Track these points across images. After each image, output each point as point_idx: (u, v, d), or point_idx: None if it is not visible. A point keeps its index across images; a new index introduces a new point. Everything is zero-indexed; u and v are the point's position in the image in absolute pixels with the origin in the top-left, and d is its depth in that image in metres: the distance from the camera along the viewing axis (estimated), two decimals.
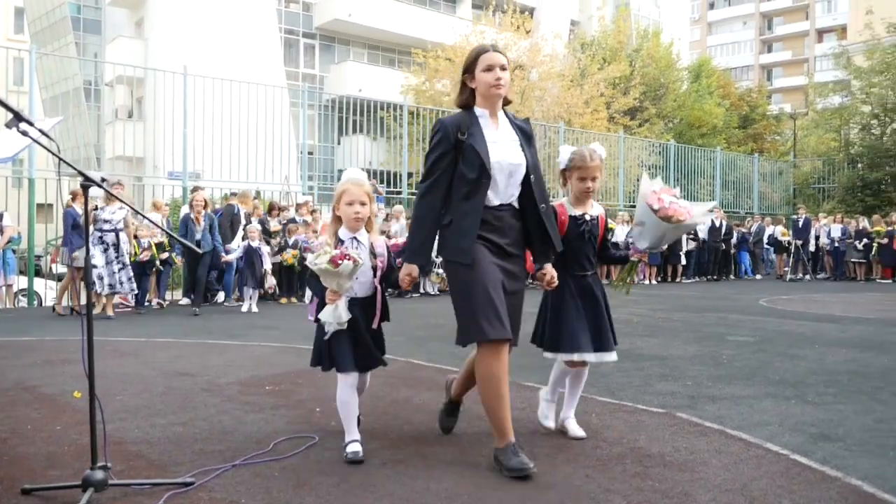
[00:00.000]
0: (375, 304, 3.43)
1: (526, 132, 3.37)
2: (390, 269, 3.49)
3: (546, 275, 3.41)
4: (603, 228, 3.80)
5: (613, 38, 30.56)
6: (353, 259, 3.14)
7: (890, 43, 24.02)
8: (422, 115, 18.65)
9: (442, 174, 3.21)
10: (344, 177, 3.51)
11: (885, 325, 8.75)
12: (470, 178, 3.16)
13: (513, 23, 26.12)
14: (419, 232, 3.27)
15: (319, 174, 20.25)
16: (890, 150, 23.99)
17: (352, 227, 3.41)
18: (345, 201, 3.39)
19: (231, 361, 6.06)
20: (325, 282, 3.22)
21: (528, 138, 3.36)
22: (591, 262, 3.73)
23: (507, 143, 3.27)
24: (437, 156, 3.23)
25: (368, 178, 3.82)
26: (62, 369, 5.55)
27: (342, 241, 3.37)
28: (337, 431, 3.64)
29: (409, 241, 3.35)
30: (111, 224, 9.25)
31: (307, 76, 31.39)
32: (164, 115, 13.57)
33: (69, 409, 4.25)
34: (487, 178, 3.16)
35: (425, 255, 3.26)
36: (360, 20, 31.09)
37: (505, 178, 3.23)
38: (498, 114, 3.33)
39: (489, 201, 3.22)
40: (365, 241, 3.42)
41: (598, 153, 3.67)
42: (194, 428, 3.86)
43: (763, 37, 66.47)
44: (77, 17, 31.95)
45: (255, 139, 14.34)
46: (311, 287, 3.51)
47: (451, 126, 3.24)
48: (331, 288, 3.22)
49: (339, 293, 3.24)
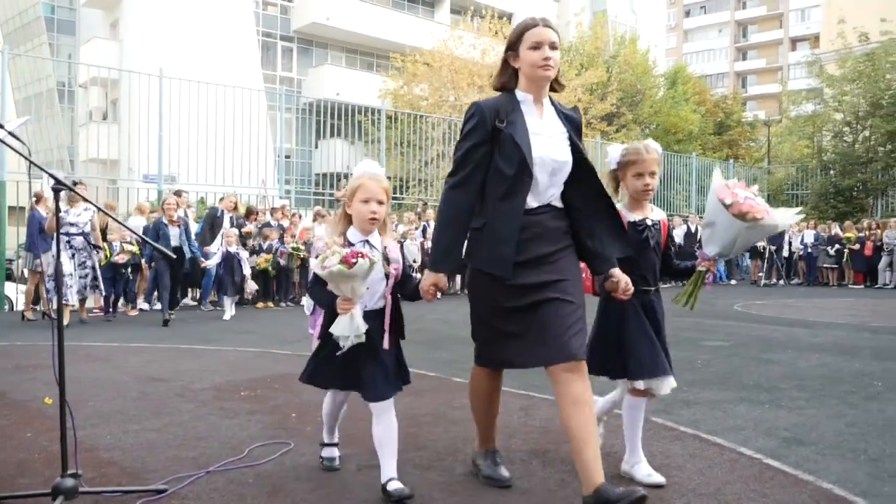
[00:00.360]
0: (384, 318, 2.93)
1: (575, 123, 2.90)
2: (406, 277, 3.03)
3: (618, 281, 2.89)
4: (666, 235, 3.30)
5: (591, 45, 30.76)
6: (368, 257, 2.71)
7: (861, 52, 24.41)
8: (400, 119, 18.63)
9: (475, 168, 2.74)
10: (359, 169, 3.03)
11: (857, 331, 8.88)
12: (508, 174, 2.70)
13: (491, 28, 26.19)
14: (446, 233, 2.78)
15: (297, 178, 20.14)
16: (861, 158, 24.37)
17: (365, 228, 2.94)
18: (360, 198, 2.91)
19: (206, 366, 6.01)
20: (335, 288, 2.74)
21: (578, 130, 2.90)
22: (654, 275, 3.24)
23: (553, 136, 2.80)
24: (470, 146, 2.76)
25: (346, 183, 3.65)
26: (33, 375, 5.46)
27: (352, 244, 2.89)
28: (312, 437, 3.61)
29: (434, 245, 2.86)
30: (78, 227, 8.77)
31: (285, 79, 31.26)
32: (140, 118, 13.44)
33: (40, 416, 4.19)
34: (530, 177, 2.69)
35: (453, 261, 2.81)
36: (339, 24, 31.03)
37: (547, 177, 2.76)
38: (543, 100, 2.86)
39: (526, 203, 2.74)
40: (378, 246, 2.95)
41: (654, 146, 3.25)
42: (168, 434, 3.82)
43: (738, 45, 67.28)
44: (51, 17, 31.61)
45: (231, 142, 14.25)
46: (315, 297, 2.99)
47: (489, 111, 2.76)
48: (343, 295, 2.74)
49: (353, 300, 2.75)
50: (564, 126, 2.84)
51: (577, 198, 2.85)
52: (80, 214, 8.76)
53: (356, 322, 2.74)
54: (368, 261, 2.68)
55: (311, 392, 3.41)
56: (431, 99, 24.83)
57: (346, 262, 2.65)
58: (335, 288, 2.74)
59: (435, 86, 25.01)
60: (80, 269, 8.77)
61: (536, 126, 2.77)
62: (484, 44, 25.47)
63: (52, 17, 31.71)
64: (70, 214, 8.66)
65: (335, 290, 2.75)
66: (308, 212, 14.05)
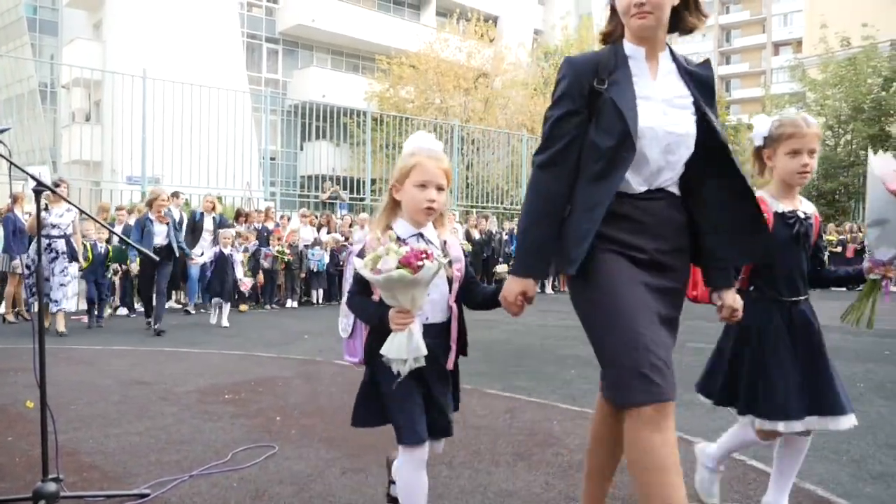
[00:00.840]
0: (450, 333, 2.32)
1: (705, 84, 2.19)
2: (471, 281, 2.40)
3: (727, 305, 2.29)
4: (817, 234, 2.69)
5: (576, 48, 30.89)
6: (436, 258, 2.08)
7: (843, 56, 24.67)
8: (385, 121, 18.62)
9: (569, 144, 2.12)
10: (411, 145, 2.34)
11: (836, 332, 8.95)
12: (605, 147, 2.07)
13: (477, 31, 26.27)
14: (533, 227, 2.15)
15: (282, 180, 20.08)
16: (843, 161, 24.62)
17: (419, 219, 2.28)
18: (415, 181, 2.25)
19: (189, 369, 5.96)
20: (390, 297, 2.13)
21: (708, 93, 2.19)
22: (804, 280, 2.63)
23: (670, 102, 2.12)
24: (560, 114, 2.12)
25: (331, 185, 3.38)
26: (13, 378, 5.40)
27: (402, 239, 2.20)
28: (296, 441, 3.60)
29: (520, 243, 2.21)
30: (59, 229, 8.18)
31: (270, 81, 31.16)
32: (123, 119, 13.36)
33: (21, 420, 4.14)
34: (630, 152, 2.05)
35: (542, 262, 2.18)
36: (324, 26, 30.97)
37: (659, 155, 2.09)
38: (660, 55, 2.17)
39: (628, 187, 2.09)
40: (435, 241, 2.30)
41: (812, 120, 2.59)
42: (151, 438, 3.78)
43: (721, 49, 67.77)
44: (33, 18, 31.35)
45: (216, 144, 14.19)
46: (358, 310, 2.32)
47: (585, 69, 2.13)
48: (401, 306, 2.11)
49: (412, 312, 2.12)
50: (689, 88, 2.15)
51: (703, 184, 2.17)
52: (63, 216, 8.23)
53: (416, 340, 2.13)
54: (436, 262, 2.07)
55: (296, 395, 3.40)
56: (417, 101, 24.85)
57: (409, 264, 2.02)
58: (389, 297, 2.13)
59: (421, 88, 25.04)
60: (60, 275, 8.18)
61: (647, 88, 2.12)
62: (470, 46, 25.55)
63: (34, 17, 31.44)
64: (52, 215, 8.09)
65: (389, 299, 2.13)
66: (295, 214, 14.00)
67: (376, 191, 17.84)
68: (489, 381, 5.19)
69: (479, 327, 8.86)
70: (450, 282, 2.29)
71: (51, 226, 8.11)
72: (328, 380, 5.50)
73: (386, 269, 2.04)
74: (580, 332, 2.19)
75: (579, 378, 5.39)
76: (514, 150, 20.38)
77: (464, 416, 4.26)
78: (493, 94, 25.27)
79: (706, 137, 2.13)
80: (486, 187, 19.49)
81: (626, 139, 2.04)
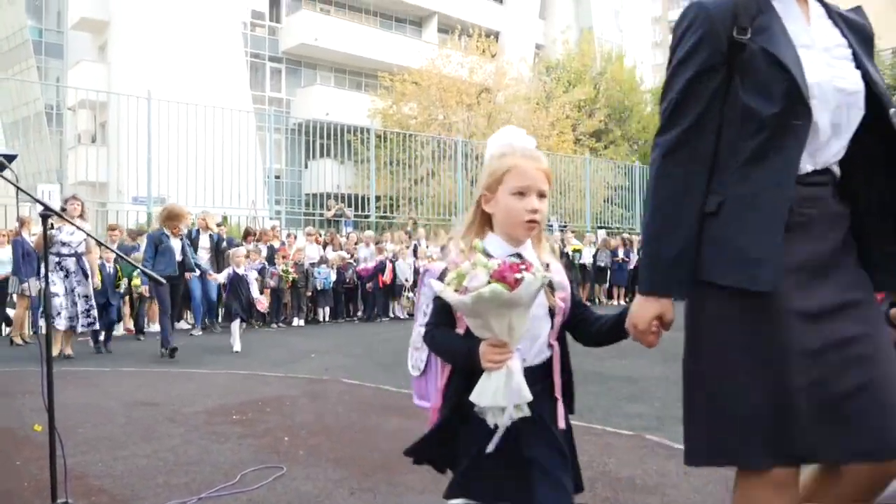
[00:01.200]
0: (552, 380, 1.80)
1: (861, 30, 1.75)
2: (581, 311, 1.88)
3: None
4: None
5: (578, 62, 31.00)
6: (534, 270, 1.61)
7: None
8: (389, 138, 18.69)
9: (705, 112, 1.64)
10: (498, 142, 1.88)
11: None
12: (766, 115, 1.58)
13: (478, 46, 26.36)
14: (667, 231, 1.67)
15: (287, 198, 20.15)
16: None
17: (518, 235, 1.81)
18: (511, 188, 1.78)
19: (196, 390, 5.96)
20: (480, 326, 1.65)
21: (866, 42, 1.75)
22: None
23: (830, 50, 1.67)
24: (692, 75, 1.64)
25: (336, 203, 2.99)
26: (21, 401, 5.40)
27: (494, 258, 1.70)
28: (304, 461, 3.58)
29: (649, 253, 1.72)
30: (70, 247, 7.89)
31: (274, 100, 31.31)
32: (128, 140, 13.43)
33: (28, 443, 4.14)
34: (803, 119, 1.57)
35: (682, 274, 1.65)
36: (327, 44, 31.14)
37: (828, 121, 1.62)
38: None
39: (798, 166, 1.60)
40: (537, 264, 1.74)
41: None
42: (158, 460, 3.78)
43: None
44: (38, 41, 31.59)
45: (221, 163, 14.24)
46: (438, 345, 1.83)
47: (721, 14, 1.63)
48: (494, 337, 1.63)
49: (510, 344, 1.64)
50: (845, 36, 1.70)
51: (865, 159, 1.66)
52: (74, 233, 7.81)
53: (516, 381, 1.63)
54: (538, 275, 1.60)
55: (304, 415, 3.39)
56: (420, 118, 24.93)
57: (503, 278, 1.56)
58: (480, 327, 1.65)
59: (423, 104, 25.11)
60: (70, 294, 7.89)
61: (803, 35, 1.65)
62: (471, 62, 25.65)
63: (39, 40, 31.69)
64: (62, 233, 7.75)
65: (480, 329, 1.66)
66: (300, 232, 14.03)
67: (381, 208, 17.87)
68: None
69: None
70: (551, 313, 1.80)
71: (60, 244, 7.82)
72: (335, 398, 5.49)
73: (475, 286, 1.58)
74: None
75: (586, 393, 5.37)
76: None
77: None
78: (496, 108, 25.32)
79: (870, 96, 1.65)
80: None
81: (796, 100, 1.56)
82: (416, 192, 19.42)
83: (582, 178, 20.61)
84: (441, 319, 1.80)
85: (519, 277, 1.55)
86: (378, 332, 10.68)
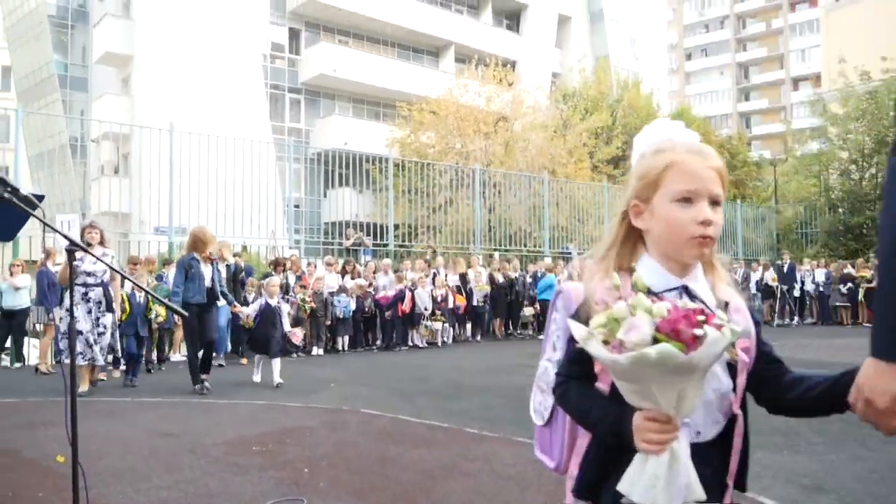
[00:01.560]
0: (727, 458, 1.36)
1: None
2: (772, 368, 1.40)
3: None
4: None
5: (594, 90, 31.14)
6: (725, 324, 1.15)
7: (863, 90, 24.62)
8: (407, 167, 18.81)
9: None
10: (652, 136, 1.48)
11: None
12: None
13: (495, 76, 26.57)
14: None
15: (306, 227, 20.30)
16: (869, 195, 24.38)
17: (684, 257, 1.36)
18: (673, 192, 1.36)
19: (217, 421, 5.98)
20: (636, 392, 1.20)
21: None
22: None
23: None
24: None
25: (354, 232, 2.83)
26: (45, 432, 5.44)
27: (653, 292, 1.28)
28: (325, 493, 3.58)
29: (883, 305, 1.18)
30: (96, 277, 7.60)
31: (293, 130, 31.67)
32: (151, 171, 13.63)
33: (51, 475, 4.17)
34: None
35: None
36: (345, 75, 31.53)
37: None
38: None
39: None
40: (709, 298, 1.36)
41: None
42: (179, 492, 3.79)
43: (740, 86, 67.93)
44: (64, 75, 32.24)
45: (241, 193, 14.40)
46: (571, 407, 1.41)
47: None
48: (660, 408, 1.19)
49: (676, 420, 1.21)
50: None
51: None
52: (96, 262, 7.44)
53: (683, 473, 1.22)
54: (726, 330, 1.14)
55: (324, 446, 3.39)
56: (438, 146, 25.08)
57: (677, 333, 1.12)
58: (637, 392, 1.20)
59: (441, 133, 25.28)
60: (95, 327, 7.59)
61: None
62: (489, 91, 25.84)
63: (64, 74, 32.35)
64: (86, 262, 7.46)
65: (635, 395, 1.21)
66: (319, 261, 14.11)
67: (399, 236, 17.95)
68: (517, 428, 5.14)
69: (499, 371, 8.80)
70: (731, 369, 1.33)
71: (85, 273, 7.54)
72: (355, 429, 5.48)
73: (634, 341, 1.13)
74: None
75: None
76: (535, 193, 20.43)
77: (491, 465, 4.23)
78: (513, 137, 25.44)
79: None
80: (509, 230, 19.52)
81: None
82: (435, 221, 19.48)
83: (600, 206, 20.59)
84: (577, 371, 1.36)
85: (700, 334, 1.11)
86: (397, 361, 10.65)
